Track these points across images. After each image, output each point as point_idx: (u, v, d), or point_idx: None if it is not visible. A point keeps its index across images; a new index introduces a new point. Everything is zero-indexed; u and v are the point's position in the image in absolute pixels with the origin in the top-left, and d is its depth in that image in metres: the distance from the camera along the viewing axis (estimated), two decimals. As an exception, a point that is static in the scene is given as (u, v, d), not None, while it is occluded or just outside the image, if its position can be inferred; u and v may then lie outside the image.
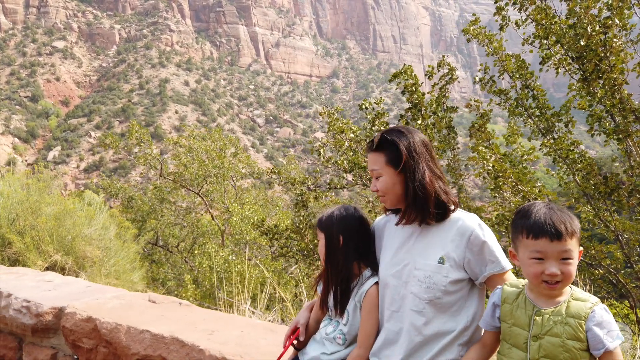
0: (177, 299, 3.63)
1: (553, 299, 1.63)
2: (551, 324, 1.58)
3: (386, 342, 1.95)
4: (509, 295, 1.72)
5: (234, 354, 2.56)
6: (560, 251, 1.56)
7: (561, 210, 1.62)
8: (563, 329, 1.56)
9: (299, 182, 7.06)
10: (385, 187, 1.99)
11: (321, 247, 2.20)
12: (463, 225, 1.92)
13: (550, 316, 1.59)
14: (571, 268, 1.57)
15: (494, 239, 1.91)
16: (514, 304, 1.69)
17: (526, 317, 1.64)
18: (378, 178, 2.02)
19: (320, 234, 2.20)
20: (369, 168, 2.07)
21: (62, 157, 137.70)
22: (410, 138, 1.99)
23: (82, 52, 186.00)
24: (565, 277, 1.57)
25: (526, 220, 1.62)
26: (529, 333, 1.62)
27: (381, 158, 2.00)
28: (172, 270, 16.95)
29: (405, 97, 6.20)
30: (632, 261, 6.39)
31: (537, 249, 1.59)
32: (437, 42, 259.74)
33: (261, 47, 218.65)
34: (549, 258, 1.57)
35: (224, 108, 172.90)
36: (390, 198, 2.00)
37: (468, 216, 1.96)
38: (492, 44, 6.96)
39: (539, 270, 1.59)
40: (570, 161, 6.45)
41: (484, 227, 1.93)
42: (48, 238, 9.31)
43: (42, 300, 3.54)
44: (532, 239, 1.59)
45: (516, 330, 1.65)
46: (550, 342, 1.56)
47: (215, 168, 16.76)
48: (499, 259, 1.87)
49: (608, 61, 5.29)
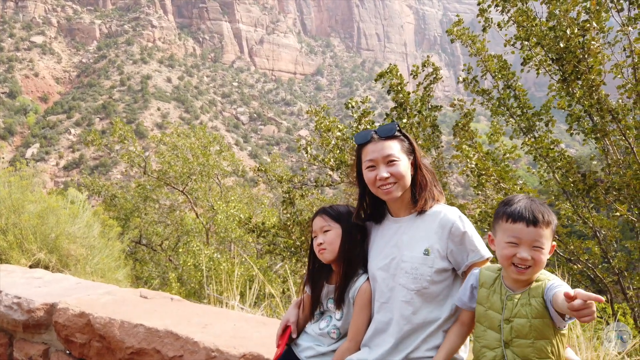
0: (168, 294, 3.68)
1: (524, 284, 1.76)
2: (519, 307, 1.72)
3: (376, 332, 2.05)
4: (487, 279, 1.85)
5: (227, 345, 2.63)
6: (533, 238, 1.70)
7: (542, 204, 1.77)
8: (527, 309, 1.70)
9: (285, 180, 7.12)
10: (402, 172, 2.08)
11: (334, 238, 2.19)
12: (444, 218, 2.05)
13: (519, 300, 1.73)
14: (541, 256, 1.70)
15: (474, 230, 2.05)
16: (490, 289, 1.83)
17: (500, 302, 1.78)
18: (390, 164, 2.08)
19: (335, 224, 2.21)
20: (383, 154, 2.08)
21: (40, 154, 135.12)
22: (410, 137, 2.22)
23: (61, 47, 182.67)
24: (535, 263, 1.70)
25: (508, 207, 1.78)
26: (502, 316, 1.75)
27: (396, 145, 2.13)
28: (156, 269, 16.85)
29: (391, 97, 6.32)
30: (609, 256, 6.61)
31: (513, 233, 1.73)
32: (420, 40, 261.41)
33: (245, 43, 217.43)
34: (523, 243, 1.71)
35: (207, 105, 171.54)
36: (402, 184, 2.08)
37: (449, 209, 2.09)
38: (475, 45, 7.11)
39: (511, 253, 1.73)
40: (550, 159, 6.64)
41: (464, 219, 2.06)
42: (31, 236, 9.22)
43: (33, 297, 3.56)
44: (510, 223, 1.74)
45: (491, 314, 1.79)
46: (519, 324, 1.70)
47: (199, 166, 16.70)
48: (479, 248, 2.00)
49: (586, 62, 5.47)
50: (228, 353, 2.56)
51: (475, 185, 6.84)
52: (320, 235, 2.23)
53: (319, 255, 2.23)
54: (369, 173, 2.11)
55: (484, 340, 1.78)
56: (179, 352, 2.70)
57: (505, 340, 1.72)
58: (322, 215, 2.26)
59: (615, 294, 6.75)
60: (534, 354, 1.66)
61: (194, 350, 2.66)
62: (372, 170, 2.10)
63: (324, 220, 2.24)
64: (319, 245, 2.22)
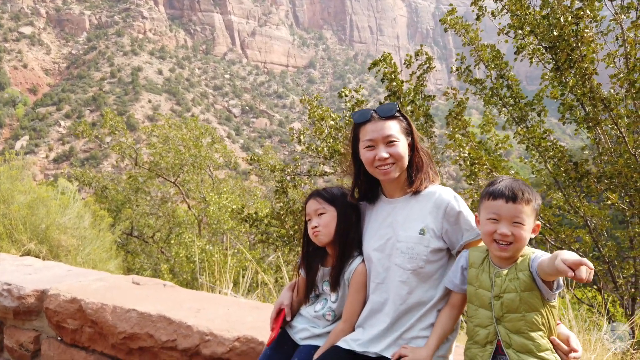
0: (160, 281, 3.66)
1: (510, 261, 1.78)
2: (507, 282, 1.74)
3: (372, 312, 2.04)
4: (476, 259, 1.86)
5: (221, 329, 2.61)
6: (513, 214, 1.72)
7: (524, 184, 1.79)
8: (516, 283, 1.71)
9: (278, 169, 7.09)
10: (401, 153, 2.06)
11: (329, 220, 2.17)
12: (439, 199, 2.04)
13: (507, 276, 1.75)
14: (522, 232, 1.72)
15: (468, 210, 2.04)
16: (479, 268, 1.84)
17: (489, 280, 1.79)
18: (390, 144, 2.06)
19: (329, 207, 2.19)
20: (383, 134, 2.06)
21: (30, 146, 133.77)
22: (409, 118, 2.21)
23: (50, 38, 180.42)
24: (515, 239, 1.72)
25: (490, 186, 1.82)
26: (491, 293, 1.76)
27: (396, 126, 2.10)
28: (147, 260, 16.78)
29: (385, 85, 6.29)
30: (600, 245, 6.66)
31: (493, 210, 1.76)
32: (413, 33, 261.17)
33: (237, 35, 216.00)
34: (503, 219, 1.73)
35: (199, 98, 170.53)
36: (400, 165, 2.07)
37: (443, 190, 2.09)
38: (469, 34, 7.09)
39: (492, 229, 1.75)
40: (543, 149, 6.66)
41: (459, 198, 2.06)
42: (21, 226, 9.13)
43: (24, 283, 3.52)
44: (491, 200, 1.77)
45: (481, 292, 1.80)
46: (509, 299, 1.71)
47: (191, 157, 16.60)
48: (473, 227, 1.99)
49: (579, 51, 5.48)
50: (222, 336, 2.54)
51: (468, 175, 6.85)
52: (315, 219, 2.19)
53: (313, 239, 2.20)
54: (368, 153, 2.08)
55: (477, 319, 1.79)
56: (172, 337, 2.68)
57: (497, 317, 1.73)
58: (316, 198, 2.23)
59: (606, 283, 6.81)
60: (526, 326, 1.68)
61: (187, 335, 2.64)
62: (371, 150, 2.07)
63: (318, 203, 2.21)
64: (314, 228, 2.18)
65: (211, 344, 2.55)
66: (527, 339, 1.68)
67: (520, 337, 1.68)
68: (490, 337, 1.74)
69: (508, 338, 1.70)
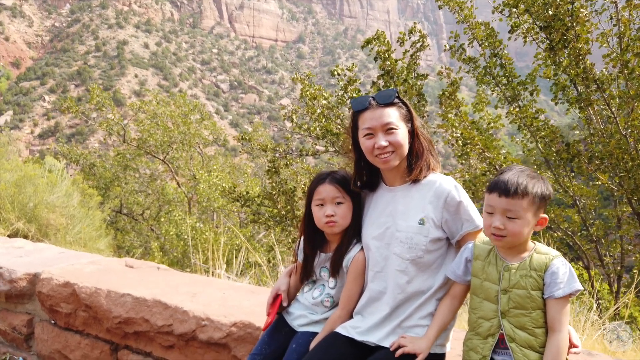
0: (154, 264, 3.63)
1: (519, 254, 1.76)
2: (517, 277, 1.72)
3: (370, 300, 2.04)
4: (481, 252, 1.85)
5: (218, 314, 2.60)
6: (505, 208, 1.70)
7: (530, 176, 1.74)
8: (528, 281, 1.70)
9: (270, 149, 7.03)
10: (400, 141, 2.01)
11: (346, 212, 2.11)
12: (440, 188, 2.02)
13: (517, 271, 1.73)
14: (516, 226, 1.70)
15: (469, 200, 2.02)
16: (485, 260, 1.82)
17: (497, 273, 1.77)
18: (389, 132, 2.01)
19: (347, 197, 2.12)
20: (382, 122, 2.01)
21: (14, 122, 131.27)
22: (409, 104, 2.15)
23: (32, 10, 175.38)
24: (509, 232, 1.71)
25: (494, 177, 1.79)
26: (499, 287, 1.75)
27: (395, 113, 2.05)
28: (138, 238, 16.73)
29: (378, 64, 6.21)
30: (588, 224, 6.76)
31: (488, 202, 1.75)
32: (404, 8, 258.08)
33: (224, 9, 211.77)
34: (497, 212, 1.72)
35: (186, 72, 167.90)
36: (400, 153, 2.03)
37: (444, 179, 2.06)
38: (463, 11, 7.01)
39: (488, 223, 1.75)
40: (534, 129, 6.67)
41: (459, 188, 2.03)
42: (9, 205, 9.02)
43: (15, 267, 3.48)
44: (487, 193, 1.77)
45: (487, 285, 1.79)
46: (518, 294, 1.71)
47: (180, 134, 16.42)
48: (474, 218, 1.98)
49: (574, 31, 5.44)
50: (219, 322, 2.54)
51: (460, 155, 6.86)
52: (331, 206, 2.11)
53: (324, 227, 2.13)
54: (367, 141, 2.03)
55: (480, 311, 1.79)
56: (168, 321, 2.68)
57: (502, 311, 1.73)
58: (335, 184, 2.12)
59: (593, 260, 6.94)
60: (531, 323, 1.68)
61: (183, 320, 2.63)
62: (370, 138, 2.03)
63: (337, 191, 2.11)
64: (330, 217, 2.09)
65: (208, 329, 2.55)
66: (531, 335, 1.68)
67: (525, 332, 1.68)
68: (493, 330, 1.74)
69: (512, 332, 1.70)
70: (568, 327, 1.69)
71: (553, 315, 1.65)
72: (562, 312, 1.65)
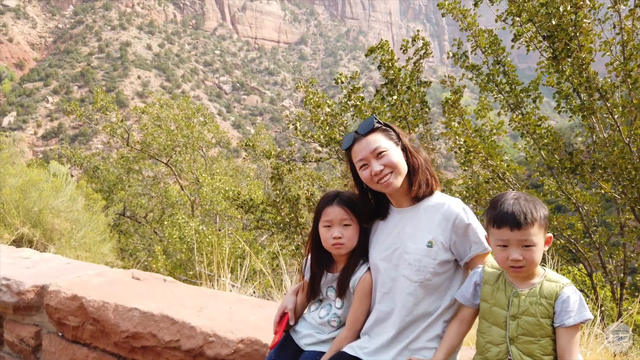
0: (160, 276, 3.66)
1: (528, 280, 1.78)
2: (527, 304, 1.73)
3: (377, 321, 2.06)
4: (490, 276, 1.87)
5: (225, 330, 2.63)
6: (521, 239, 1.72)
7: (527, 200, 1.76)
8: (538, 308, 1.72)
9: (274, 156, 7.06)
10: (394, 160, 2.05)
11: (353, 234, 2.15)
12: (448, 210, 2.04)
13: (527, 297, 1.74)
14: (533, 254, 1.72)
15: (477, 222, 2.04)
16: (494, 285, 1.84)
17: (505, 299, 1.79)
18: (380, 156, 2.05)
19: (354, 219, 2.16)
20: (370, 149, 2.06)
21: (17, 123, 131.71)
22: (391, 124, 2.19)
23: (36, 11, 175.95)
24: (527, 262, 1.72)
25: (493, 211, 1.79)
26: (507, 313, 1.77)
27: (380, 137, 2.10)
28: (141, 241, 16.78)
29: (381, 73, 6.24)
30: (590, 231, 6.76)
31: (500, 237, 1.75)
32: (405, 9, 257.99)
33: (227, 10, 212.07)
34: (512, 245, 1.73)
35: (189, 74, 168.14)
36: (398, 171, 2.06)
37: (452, 201, 2.09)
38: (466, 19, 7.03)
39: (504, 256, 1.75)
40: (537, 136, 6.69)
41: (468, 210, 2.06)
42: (14, 210, 9.07)
43: (23, 278, 3.51)
44: (496, 228, 1.76)
45: (496, 310, 1.81)
46: (527, 321, 1.72)
47: (184, 138, 16.47)
48: (482, 241, 2.00)
49: (578, 41, 5.45)
50: (226, 338, 2.56)
51: (463, 162, 6.88)
52: (338, 228, 2.14)
53: (331, 248, 2.16)
54: (364, 172, 2.09)
55: (489, 336, 1.81)
56: (175, 337, 2.70)
57: (511, 337, 1.74)
58: (343, 206, 2.16)
59: (596, 268, 6.94)
60: (539, 350, 1.70)
61: (190, 335, 2.66)
62: (366, 168, 2.08)
63: (345, 213, 2.15)
64: (337, 239, 2.13)
65: (215, 345, 2.58)
66: None
67: (533, 359, 1.71)
68: (501, 355, 1.75)
69: (520, 359, 1.72)
70: (579, 356, 1.71)
71: (563, 344, 1.67)
72: (572, 341, 1.67)
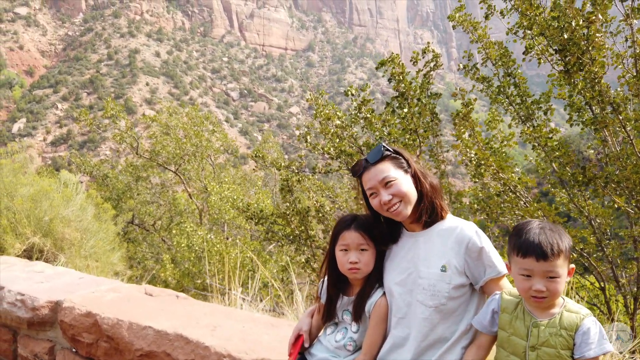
0: (173, 292, 3.67)
1: (547, 310, 1.76)
2: (547, 335, 1.71)
3: (394, 347, 2.05)
4: (508, 304, 1.85)
5: (239, 350, 2.63)
6: (546, 270, 1.70)
7: (552, 230, 1.74)
8: (558, 340, 1.70)
9: (284, 167, 7.08)
10: (402, 190, 2.06)
11: (370, 259, 2.15)
12: (461, 234, 2.04)
13: (546, 328, 1.72)
14: (557, 285, 1.71)
15: (491, 245, 2.04)
16: (513, 314, 1.82)
17: (524, 328, 1.77)
18: (388, 186, 2.06)
19: (371, 243, 2.15)
20: (378, 179, 2.07)
21: (27, 129, 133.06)
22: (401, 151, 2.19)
23: (46, 19, 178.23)
24: (551, 293, 1.71)
25: (518, 238, 1.76)
26: (527, 343, 1.74)
27: (388, 166, 2.10)
28: (149, 250, 16.85)
29: (392, 86, 6.25)
30: (603, 245, 6.69)
31: (524, 267, 1.72)
32: (413, 16, 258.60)
33: (235, 17, 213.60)
34: (536, 275, 1.71)
35: (197, 81, 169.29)
36: (407, 200, 2.07)
37: (465, 224, 2.08)
38: (477, 31, 7.03)
39: (527, 286, 1.73)
40: (549, 149, 6.65)
41: (481, 234, 2.05)
42: (25, 220, 9.14)
43: (37, 294, 3.53)
44: (521, 257, 1.74)
45: (515, 339, 1.78)
46: (547, 353, 1.70)
47: (192, 147, 16.56)
48: (496, 264, 1.99)
49: (590, 55, 5.43)
50: (240, 358, 2.56)
51: (473, 175, 6.85)
52: (355, 253, 2.15)
53: (347, 273, 2.17)
54: (374, 200, 2.11)
55: None
56: (190, 356, 2.70)
57: None
58: (361, 231, 2.16)
59: (608, 282, 6.86)
60: None
61: (205, 355, 2.66)
62: (375, 197, 2.10)
63: (362, 238, 2.15)
64: (354, 263, 2.13)
65: (230, 366, 2.57)
66: None
67: None
68: None
69: None
70: None
71: None
72: None
